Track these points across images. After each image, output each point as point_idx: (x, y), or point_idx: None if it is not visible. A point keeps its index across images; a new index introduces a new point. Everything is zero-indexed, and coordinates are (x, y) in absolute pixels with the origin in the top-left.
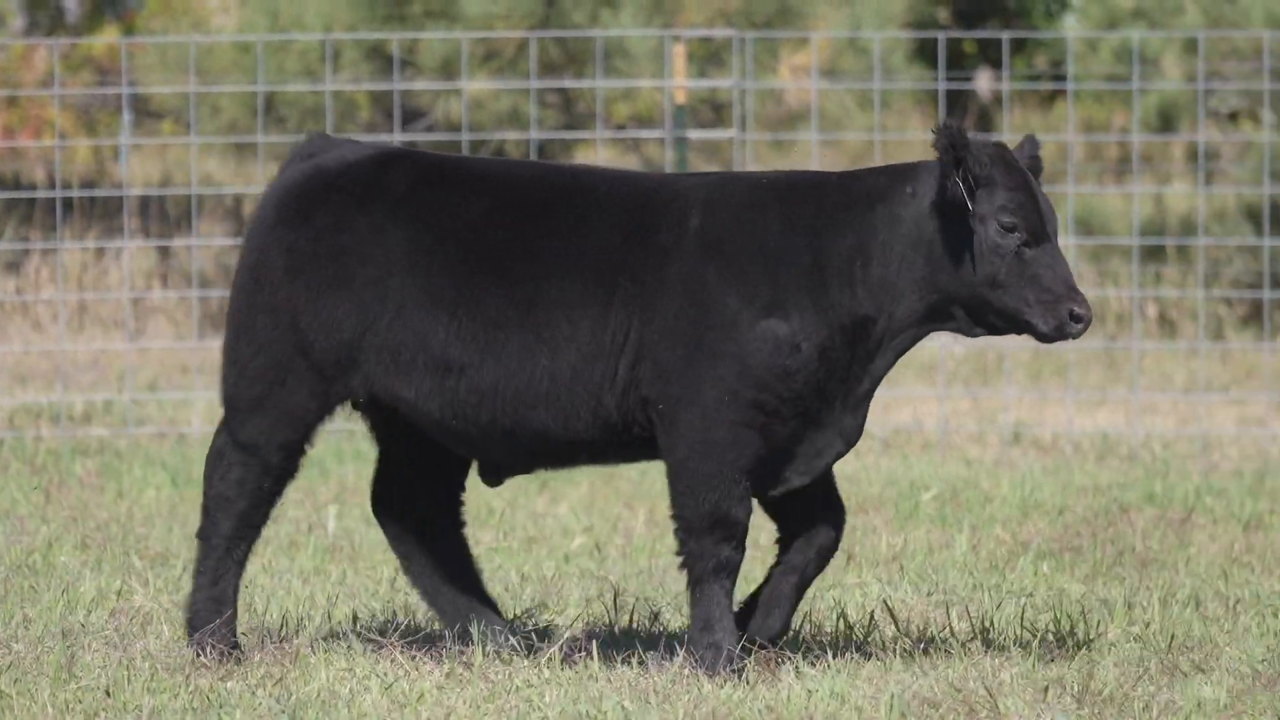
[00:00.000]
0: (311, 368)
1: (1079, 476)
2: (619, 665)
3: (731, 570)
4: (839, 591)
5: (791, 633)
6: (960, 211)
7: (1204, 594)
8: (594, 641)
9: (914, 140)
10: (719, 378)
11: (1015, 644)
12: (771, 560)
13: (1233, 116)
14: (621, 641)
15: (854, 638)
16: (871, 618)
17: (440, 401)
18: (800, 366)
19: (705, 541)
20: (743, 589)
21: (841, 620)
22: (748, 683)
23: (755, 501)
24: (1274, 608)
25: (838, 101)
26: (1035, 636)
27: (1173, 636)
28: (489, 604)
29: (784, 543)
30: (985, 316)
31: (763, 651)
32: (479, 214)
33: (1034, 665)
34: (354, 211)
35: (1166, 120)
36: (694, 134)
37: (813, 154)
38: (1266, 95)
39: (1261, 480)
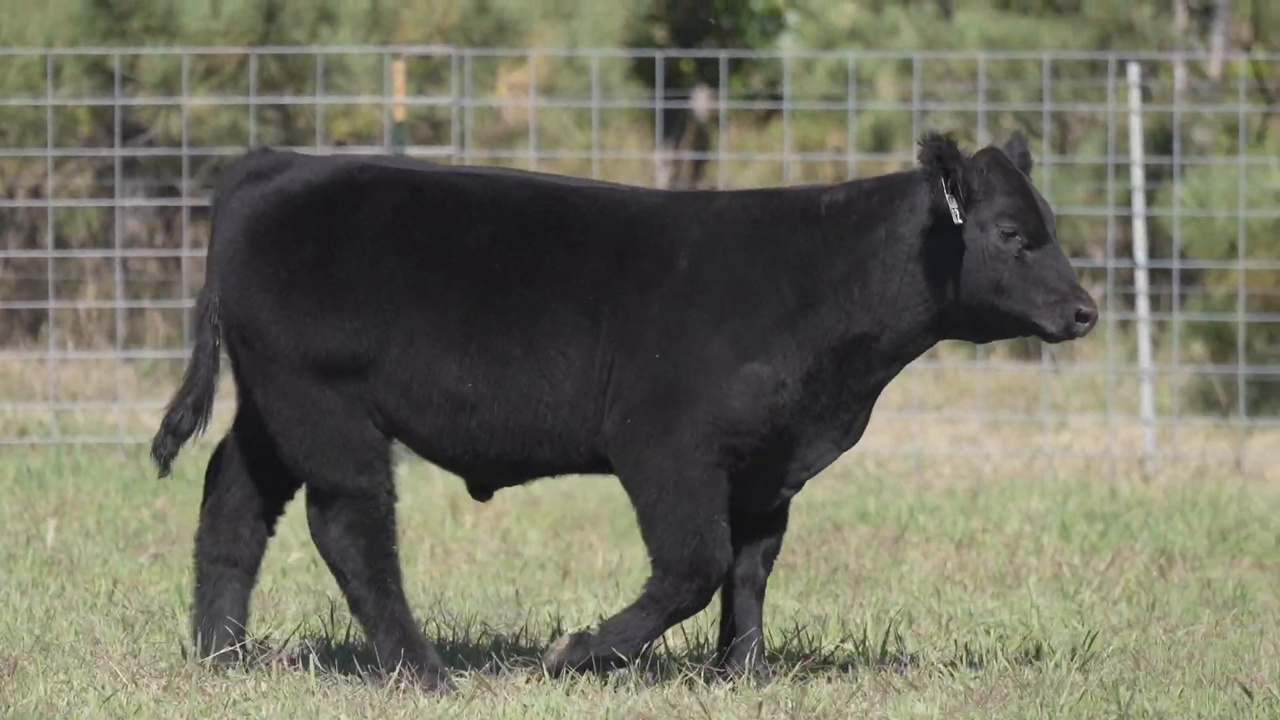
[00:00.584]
0: (333, 392)
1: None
2: (336, 679)
3: (685, 616)
4: (555, 606)
5: (507, 646)
6: (953, 222)
7: (917, 611)
8: (311, 655)
9: (630, 159)
10: (694, 420)
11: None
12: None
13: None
14: (338, 655)
15: None
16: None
17: (453, 437)
18: (786, 401)
19: (682, 585)
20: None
21: (558, 635)
22: (464, 697)
23: None
24: (986, 625)
25: (555, 119)
26: None
27: (886, 653)
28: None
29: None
30: (992, 322)
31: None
32: (475, 244)
33: (749, 681)
34: (337, 240)
35: (881, 140)
36: (413, 151)
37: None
38: (981, 116)
39: (974, 499)
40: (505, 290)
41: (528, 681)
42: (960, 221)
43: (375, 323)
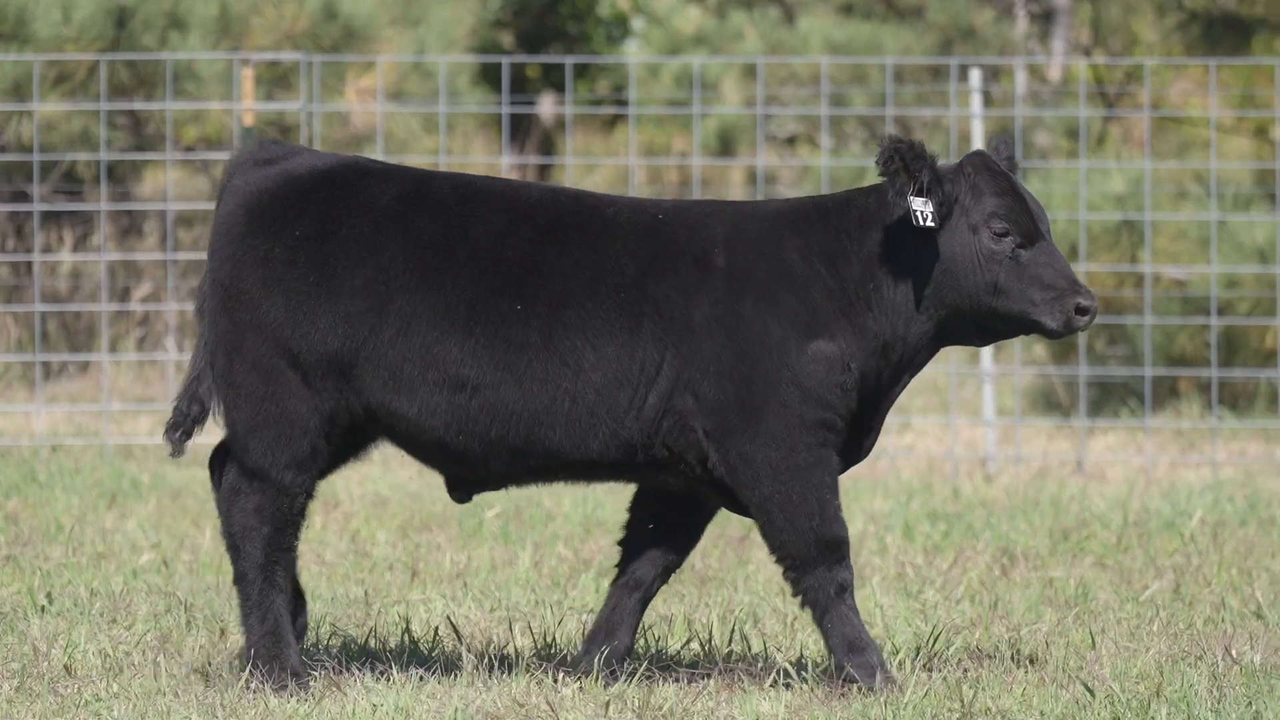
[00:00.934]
0: (304, 381)
1: None
2: (188, 679)
3: (851, 588)
4: (404, 607)
5: (356, 646)
6: (927, 227)
7: (762, 611)
8: (162, 656)
9: (477, 163)
10: (783, 404)
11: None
12: (615, 571)
13: (791, 141)
14: (189, 656)
15: (419, 653)
16: (436, 633)
17: (446, 418)
18: (853, 385)
19: (819, 570)
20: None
21: (406, 635)
22: (314, 697)
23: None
24: None
25: (403, 124)
26: None
27: (731, 653)
28: (300, 597)
29: (627, 555)
30: (993, 324)
31: (609, 672)
32: (485, 233)
33: (596, 680)
34: (337, 220)
35: (726, 144)
36: None
37: None
38: (824, 120)
39: None
40: (520, 280)
41: (377, 681)
42: (930, 226)
43: (369, 306)
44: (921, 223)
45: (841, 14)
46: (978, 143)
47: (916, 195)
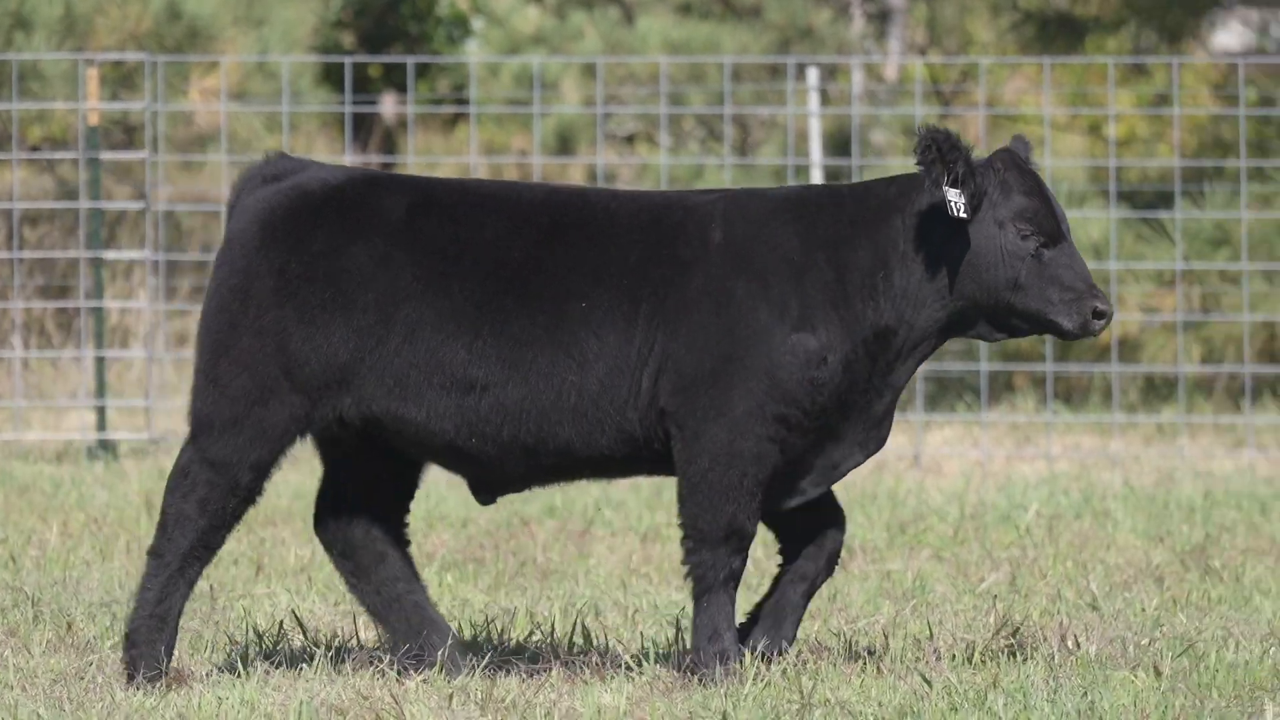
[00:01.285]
0: (297, 389)
1: None
2: (35, 675)
3: (737, 580)
4: (249, 601)
5: (202, 641)
6: (960, 217)
7: (604, 604)
8: (9, 650)
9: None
10: (749, 391)
11: None
12: (776, 570)
13: (630, 139)
14: (37, 651)
15: (264, 646)
16: (280, 627)
17: (457, 421)
18: (826, 379)
19: (719, 552)
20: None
21: (251, 630)
22: (160, 690)
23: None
24: (671, 617)
25: (247, 123)
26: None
27: (573, 645)
28: (438, 621)
29: (790, 551)
30: (1008, 320)
31: (778, 659)
32: (492, 236)
33: (439, 672)
34: (351, 236)
35: (565, 142)
36: (107, 155)
37: (223, 175)
38: (663, 118)
39: (659, 493)
40: (524, 277)
41: (222, 674)
42: (963, 217)
43: (379, 319)
44: (956, 213)
45: (680, 14)
46: (815, 140)
47: (951, 186)
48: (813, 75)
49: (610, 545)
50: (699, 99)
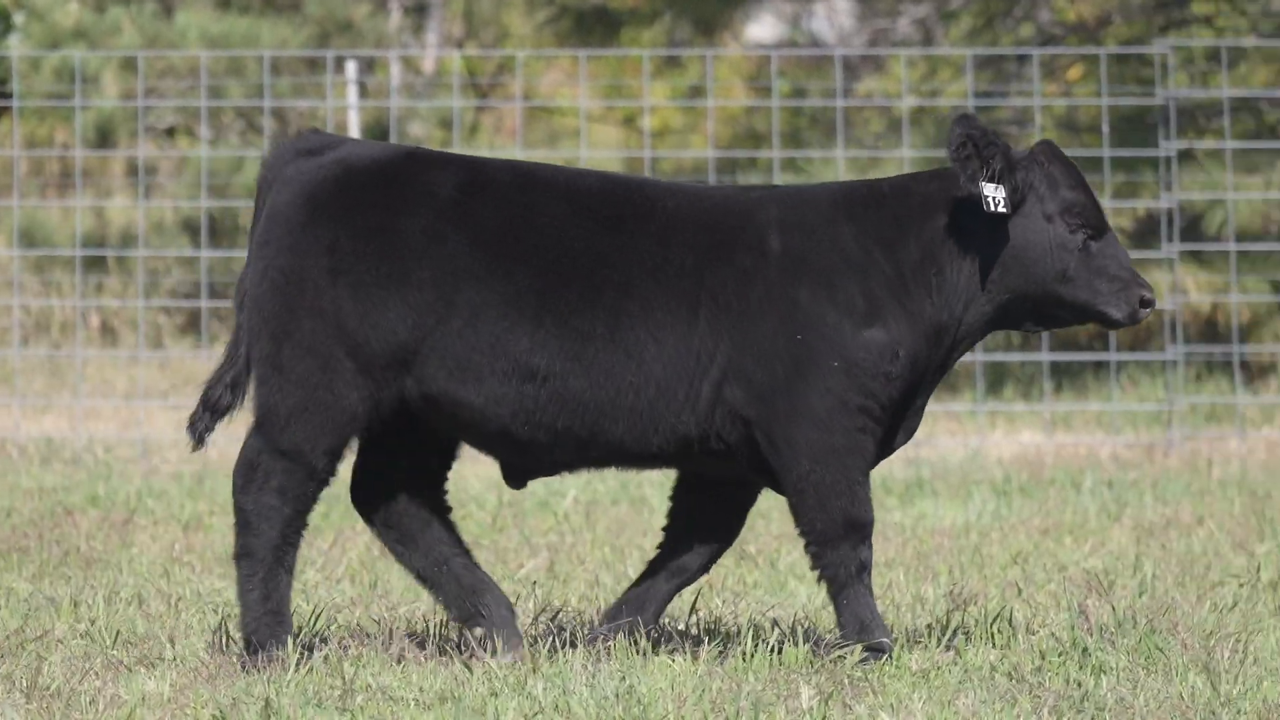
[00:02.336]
0: (361, 370)
1: (25, 479)
2: None
3: (868, 569)
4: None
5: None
6: (999, 213)
7: (146, 592)
8: None
9: None
10: (827, 389)
11: None
12: (657, 550)
13: (170, 132)
14: None
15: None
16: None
17: (514, 408)
18: (900, 373)
19: (843, 548)
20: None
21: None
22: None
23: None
24: (214, 604)
25: None
26: None
27: (118, 633)
28: (492, 586)
29: (674, 540)
30: (1055, 311)
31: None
32: (549, 222)
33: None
34: (401, 210)
35: (106, 136)
36: None
37: None
38: (203, 111)
39: (200, 482)
40: (585, 270)
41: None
42: (1002, 212)
43: (438, 297)
44: (993, 208)
45: (219, 8)
46: (354, 133)
47: (988, 181)
48: (351, 68)
49: (153, 534)
50: (238, 92)
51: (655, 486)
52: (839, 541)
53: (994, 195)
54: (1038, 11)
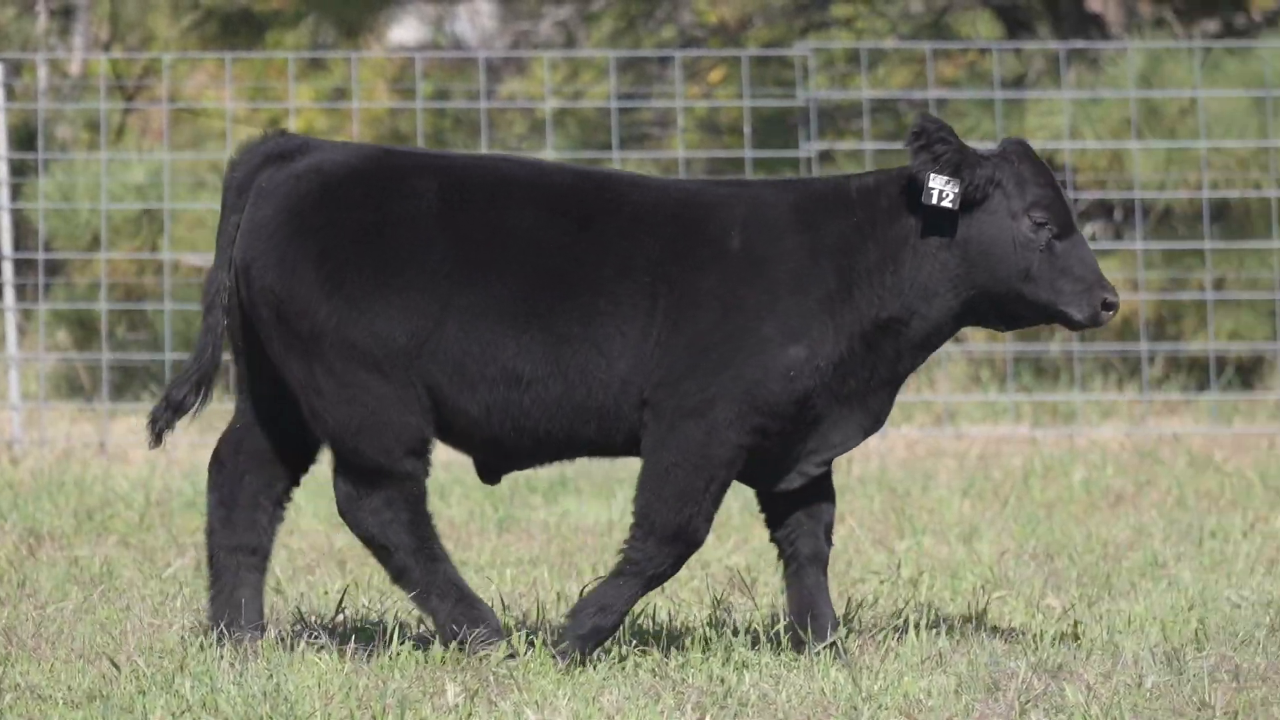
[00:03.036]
0: (380, 375)
1: None
2: None
3: (661, 583)
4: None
5: None
6: (943, 208)
7: None
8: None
9: None
10: (734, 398)
11: None
12: (779, 562)
13: None
14: None
15: None
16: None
17: (502, 416)
18: (816, 385)
19: (664, 549)
20: None
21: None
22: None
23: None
24: None
25: None
26: None
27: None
28: (259, 604)
29: (786, 538)
30: (1018, 310)
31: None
32: (528, 224)
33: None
34: (384, 218)
35: None
36: None
37: None
38: None
39: None
40: (562, 270)
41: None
42: (946, 207)
43: (431, 301)
44: (936, 202)
45: None
46: (1, 136)
47: (938, 174)
48: None
49: None
50: None
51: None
52: (664, 542)
53: (940, 188)
54: (679, 14)
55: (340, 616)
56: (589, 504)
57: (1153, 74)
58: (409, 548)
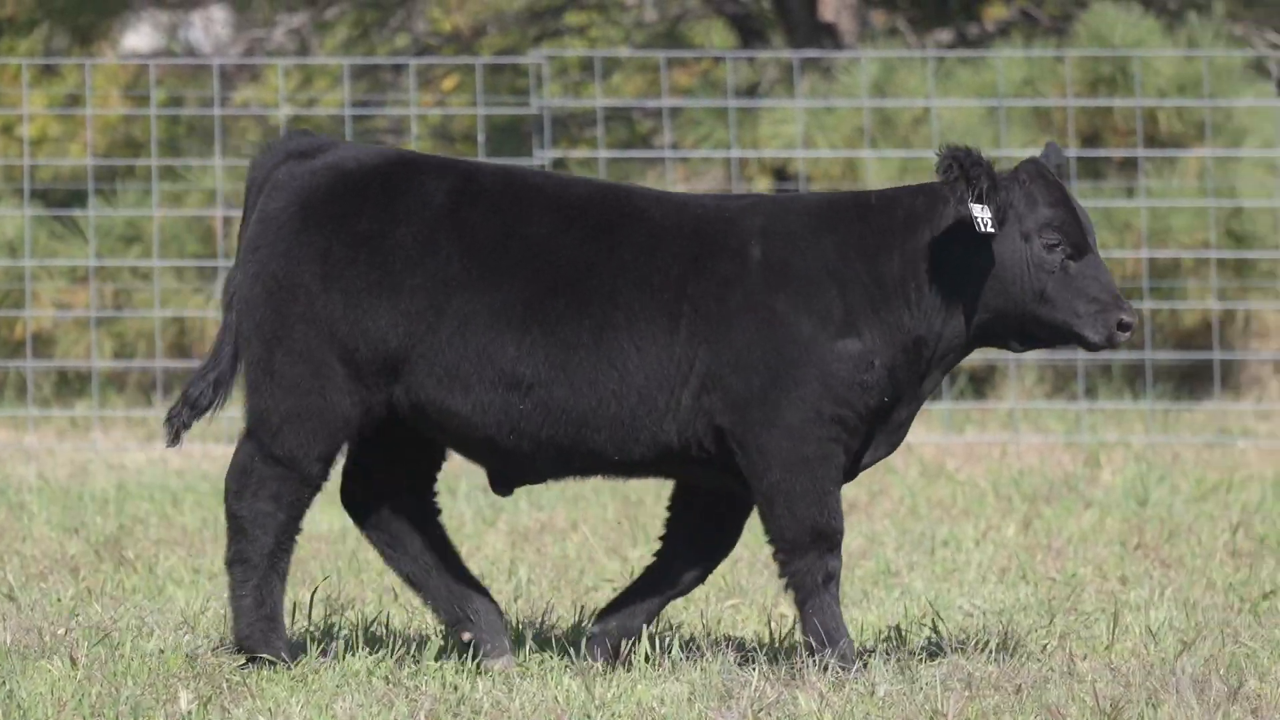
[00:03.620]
0: (353, 376)
1: None
2: None
3: (836, 579)
4: None
5: None
6: (984, 232)
7: None
8: None
9: None
10: (801, 398)
11: None
12: (652, 560)
13: None
14: None
15: None
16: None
17: (500, 417)
18: (875, 382)
19: (810, 557)
20: None
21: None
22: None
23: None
24: None
25: None
26: None
27: None
28: (480, 588)
29: (671, 552)
30: (1034, 331)
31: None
32: (540, 232)
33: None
34: (394, 219)
35: None
36: None
37: None
38: None
39: None
40: (573, 279)
41: None
42: (990, 231)
43: (429, 304)
44: (983, 228)
45: None
46: None
47: (975, 202)
48: None
49: None
50: None
51: (33, 493)
52: (806, 550)
53: (981, 215)
54: (413, 22)
55: (73, 623)
56: (323, 512)
57: (886, 83)
58: (263, 547)
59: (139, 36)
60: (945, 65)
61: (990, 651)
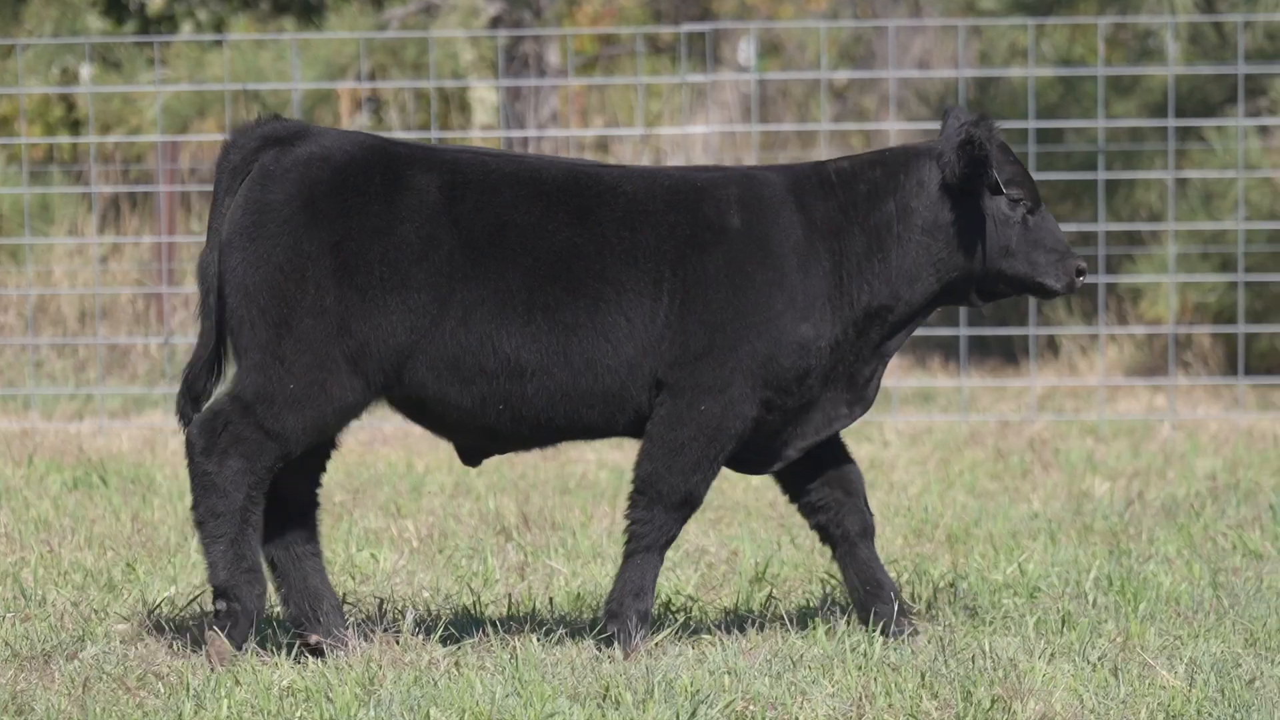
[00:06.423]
0: (356, 371)
1: None
2: None
3: (670, 544)
4: None
5: None
6: (970, 189)
7: None
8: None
9: None
10: (748, 372)
11: None
12: (822, 545)
13: None
14: None
15: None
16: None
17: (502, 405)
18: (816, 365)
19: (671, 515)
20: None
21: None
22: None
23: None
24: None
25: None
26: None
27: None
28: (332, 595)
29: (832, 520)
30: (996, 285)
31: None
32: (529, 219)
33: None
34: (398, 216)
35: None
36: None
37: None
38: None
39: None
40: (566, 262)
41: None
42: (991, 179)
43: (432, 298)
44: (991, 178)
45: None
46: None
47: (992, 170)
48: None
49: None
50: None
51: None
52: (671, 509)
53: (982, 170)
54: None
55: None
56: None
57: None
58: (234, 503)
59: None
60: None
61: None
